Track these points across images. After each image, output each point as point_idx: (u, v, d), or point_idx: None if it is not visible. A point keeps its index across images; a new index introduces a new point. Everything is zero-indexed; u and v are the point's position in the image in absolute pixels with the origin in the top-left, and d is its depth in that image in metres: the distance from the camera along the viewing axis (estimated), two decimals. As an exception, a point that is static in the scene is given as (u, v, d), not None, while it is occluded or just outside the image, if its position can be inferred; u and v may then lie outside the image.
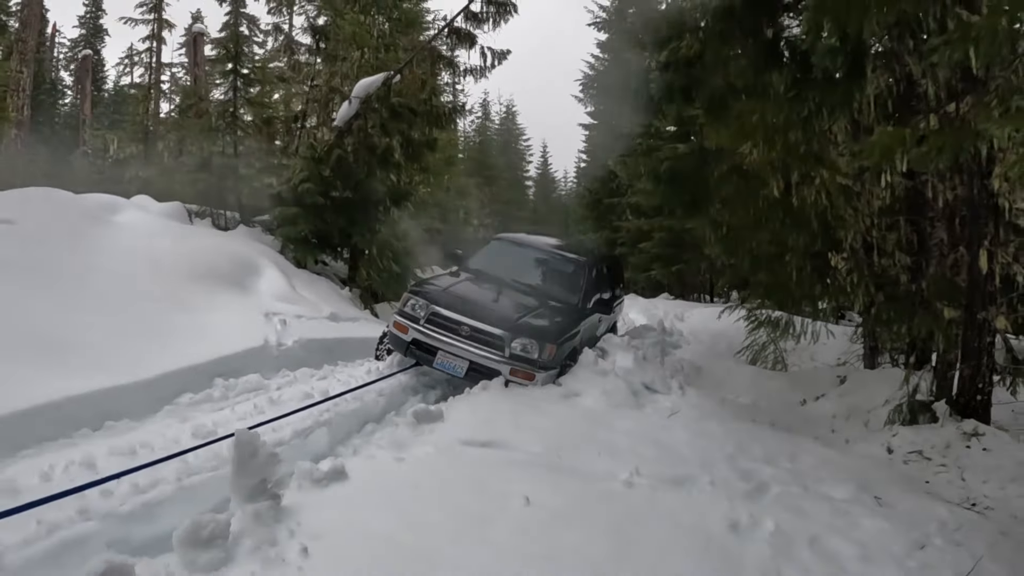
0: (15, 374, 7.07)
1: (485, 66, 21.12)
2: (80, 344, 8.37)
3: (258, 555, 4.26)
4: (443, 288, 11.22)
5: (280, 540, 4.40)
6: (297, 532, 4.51)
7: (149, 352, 8.89)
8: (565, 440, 7.33)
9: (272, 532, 4.44)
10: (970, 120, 7.11)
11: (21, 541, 4.61)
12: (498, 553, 4.63)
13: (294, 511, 4.77)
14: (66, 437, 6.79)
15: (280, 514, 4.67)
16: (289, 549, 4.31)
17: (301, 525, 4.61)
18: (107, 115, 49.61)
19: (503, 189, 45.90)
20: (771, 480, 6.69)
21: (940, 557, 5.44)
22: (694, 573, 4.71)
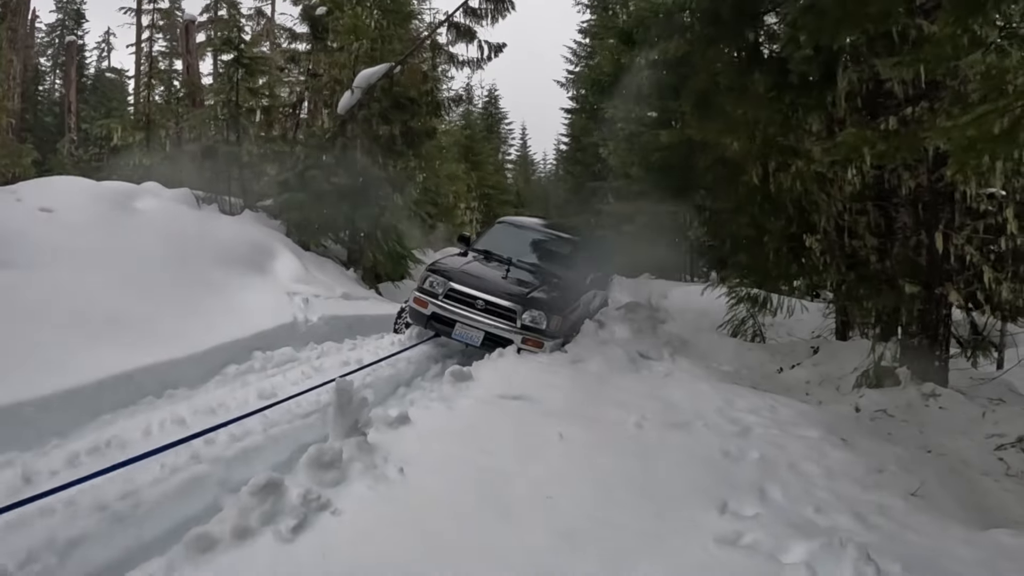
0: (84, 348, 7.95)
1: (482, 58, 22.02)
2: (132, 322, 9.19)
3: (367, 474, 5.44)
4: (458, 267, 12.31)
5: (379, 464, 5.59)
6: (390, 459, 5.71)
7: (193, 329, 9.83)
8: (579, 396, 8.52)
9: (372, 458, 5.63)
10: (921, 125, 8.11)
11: (152, 480, 5.72)
12: (553, 470, 5.93)
13: (380, 445, 5.96)
14: (134, 404, 7.68)
15: (371, 447, 5.86)
16: (388, 470, 5.52)
17: (391, 454, 5.81)
18: (89, 100, 49.48)
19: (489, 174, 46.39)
20: (755, 425, 7.90)
21: (893, 479, 6.64)
22: (703, 479, 6.00)
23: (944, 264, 10.69)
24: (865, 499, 5.99)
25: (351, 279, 18.40)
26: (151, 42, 47.01)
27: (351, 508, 4.93)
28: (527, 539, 4.71)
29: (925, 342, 11.15)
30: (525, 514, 5.07)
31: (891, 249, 12.00)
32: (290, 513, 4.69)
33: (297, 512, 4.71)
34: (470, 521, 4.89)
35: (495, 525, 4.86)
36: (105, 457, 5.99)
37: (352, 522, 4.76)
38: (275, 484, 4.87)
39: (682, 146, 14.87)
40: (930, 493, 6.56)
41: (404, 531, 4.68)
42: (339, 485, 5.30)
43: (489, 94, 65.57)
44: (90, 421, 7.02)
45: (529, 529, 4.84)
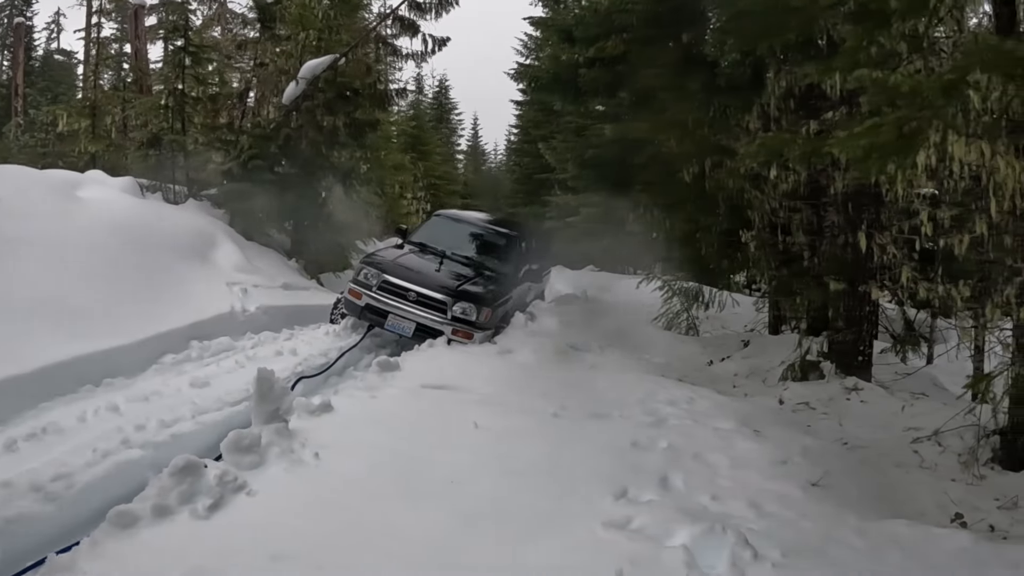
0: (26, 337, 8.08)
1: (426, 52, 22.13)
2: (74, 311, 9.28)
3: (284, 458, 5.73)
4: (392, 259, 12.60)
5: (296, 449, 5.88)
6: (307, 444, 5.98)
7: (131, 318, 9.93)
8: (504, 386, 8.80)
9: (290, 443, 5.91)
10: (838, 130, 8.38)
11: (84, 464, 5.91)
12: (464, 456, 6.21)
13: (300, 431, 6.22)
14: (73, 392, 7.83)
15: (291, 433, 6.11)
16: (305, 454, 5.81)
17: (309, 440, 6.07)
18: (37, 83, 48.71)
19: (436, 164, 46.34)
20: (671, 416, 8.22)
21: (798, 470, 6.93)
22: (607, 468, 6.26)
23: (868, 262, 10.94)
24: (765, 488, 6.28)
25: (293, 269, 18.43)
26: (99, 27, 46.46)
27: (265, 489, 5.22)
28: (430, 520, 5.01)
29: (850, 337, 11.42)
30: (431, 497, 5.38)
31: (820, 247, 12.27)
32: (207, 493, 4.97)
33: (214, 492, 5.00)
34: (377, 503, 5.18)
35: (401, 507, 5.16)
36: (42, 443, 6.28)
37: (265, 502, 5.05)
38: (194, 466, 5.14)
39: (616, 144, 15.09)
40: (833, 483, 6.84)
41: (312, 511, 4.97)
42: (256, 468, 5.57)
43: (440, 84, 65.53)
44: (30, 408, 7.18)
45: (433, 511, 5.14)
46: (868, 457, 8.35)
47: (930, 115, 5.70)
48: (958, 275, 10.28)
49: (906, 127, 5.87)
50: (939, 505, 7.29)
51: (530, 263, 14.55)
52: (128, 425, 6.82)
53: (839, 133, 6.78)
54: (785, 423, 9.09)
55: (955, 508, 7.18)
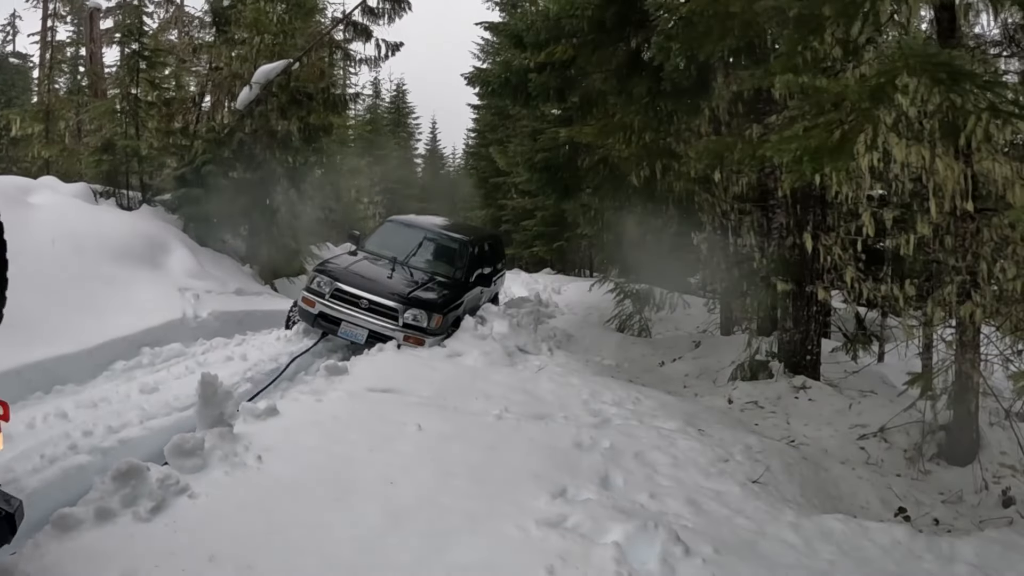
0: None
1: (379, 56, 22.24)
2: (24, 318, 8.93)
3: (226, 461, 5.77)
4: (344, 267, 12.69)
5: (239, 452, 5.92)
6: (251, 447, 6.03)
7: (83, 325, 9.92)
8: (449, 388, 8.87)
9: (233, 447, 5.95)
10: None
11: (31, 469, 5.94)
12: (401, 458, 6.28)
13: (244, 435, 6.27)
14: (23, 399, 7.83)
15: (235, 437, 6.16)
16: (247, 457, 5.86)
17: (252, 443, 6.12)
18: None
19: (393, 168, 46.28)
20: (615, 416, 8.36)
21: (737, 467, 7.08)
22: (544, 470, 6.33)
23: (815, 263, 11.13)
24: (704, 486, 6.40)
25: (247, 275, 18.38)
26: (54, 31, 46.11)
27: (206, 492, 5.27)
28: (360, 519, 5.10)
29: (798, 337, 11.62)
30: (363, 497, 5.47)
31: (768, 248, 12.47)
32: (149, 496, 5.00)
33: (156, 495, 5.03)
34: (312, 504, 5.26)
35: (333, 507, 5.25)
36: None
37: (205, 504, 5.11)
38: (137, 470, 5.17)
39: (564, 147, 15.19)
40: (773, 480, 6.99)
41: (250, 512, 5.05)
42: (199, 471, 5.61)
43: (397, 88, 65.40)
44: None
45: (364, 510, 5.24)
46: (812, 454, 8.54)
47: (860, 118, 5.82)
48: (908, 275, 10.48)
49: (837, 130, 5.99)
50: (883, 500, 7.51)
51: (482, 267, 14.72)
52: (76, 431, 6.84)
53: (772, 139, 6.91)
54: (731, 422, 9.28)
55: (899, 503, 7.43)
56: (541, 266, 35.96)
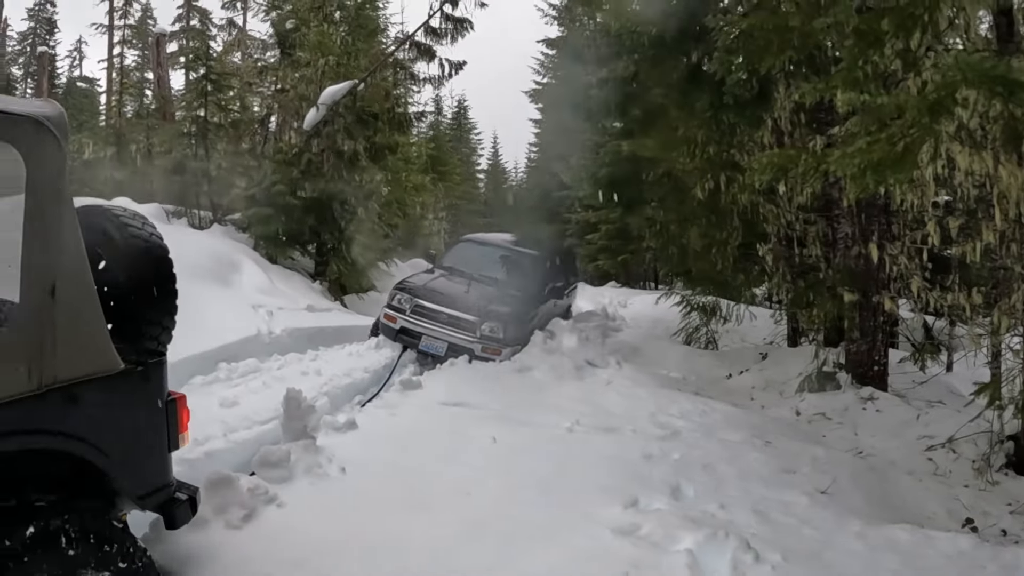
0: None
1: (443, 75, 22.42)
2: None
3: (311, 473, 6.05)
4: (423, 284, 13.21)
5: (322, 464, 6.18)
6: (333, 460, 6.29)
7: (161, 342, 10.29)
8: (519, 402, 9.09)
9: (316, 458, 6.21)
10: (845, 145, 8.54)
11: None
12: (474, 470, 6.49)
13: (326, 448, 6.52)
14: None
15: (318, 449, 6.40)
16: (330, 469, 6.14)
17: (335, 455, 6.37)
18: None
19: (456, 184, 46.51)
20: (682, 429, 8.48)
21: (804, 479, 7.17)
22: (615, 481, 6.49)
23: (880, 273, 11.05)
24: (771, 497, 6.51)
25: (317, 291, 18.68)
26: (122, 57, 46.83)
27: (293, 501, 5.53)
28: (436, 528, 5.31)
29: (864, 347, 11.55)
30: (439, 507, 5.68)
31: (833, 258, 12.39)
32: (240, 505, 5.25)
33: (247, 504, 5.29)
34: (390, 513, 5.50)
35: (410, 516, 5.46)
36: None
37: (292, 513, 5.37)
38: (227, 480, 5.40)
39: (629, 161, 15.33)
40: (839, 491, 7.06)
41: (334, 521, 5.30)
42: (285, 482, 5.87)
43: (459, 105, 65.70)
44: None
45: (439, 520, 5.45)
46: (879, 465, 8.52)
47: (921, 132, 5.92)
48: (974, 283, 10.39)
49: (900, 143, 6.08)
50: (950, 511, 7.46)
51: (555, 281, 15.10)
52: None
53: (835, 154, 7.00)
54: (798, 434, 9.32)
55: (966, 514, 7.36)
56: (605, 279, 36.00)
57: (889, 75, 7.60)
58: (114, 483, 3.91)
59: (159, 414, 4.23)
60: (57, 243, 3.53)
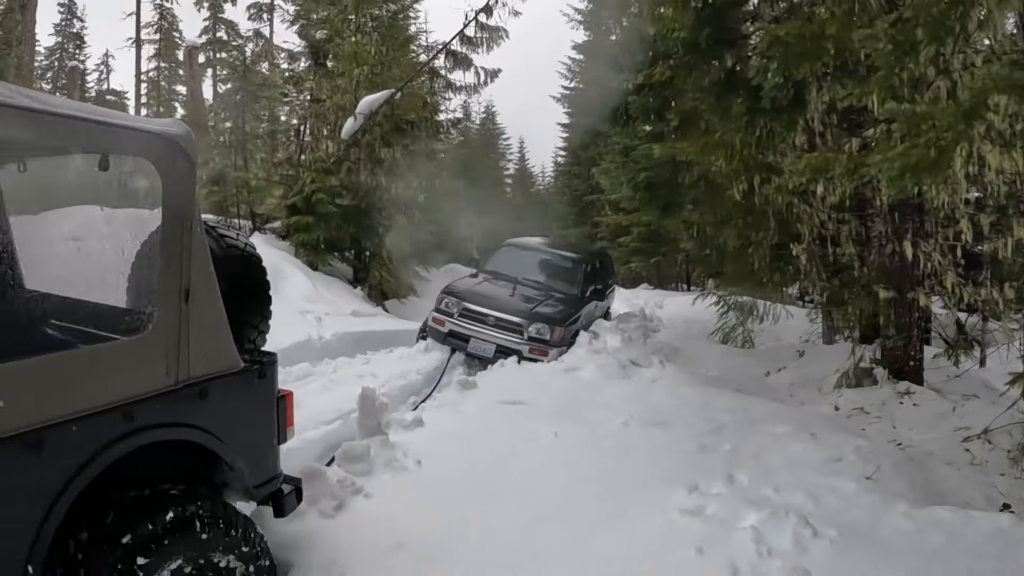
0: None
1: (479, 83, 22.86)
2: None
3: (390, 466, 6.50)
4: (469, 288, 13.69)
5: (399, 458, 6.62)
6: (408, 454, 6.74)
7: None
8: (571, 400, 9.45)
9: (392, 453, 6.65)
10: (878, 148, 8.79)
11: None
12: (538, 463, 6.91)
13: (399, 443, 6.96)
14: None
15: (392, 445, 6.83)
16: (407, 463, 6.60)
17: (409, 450, 6.81)
18: None
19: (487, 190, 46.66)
20: (728, 423, 8.81)
21: (850, 467, 7.47)
22: (673, 470, 6.89)
23: (914, 270, 11.28)
24: (820, 482, 6.84)
25: (358, 297, 19.03)
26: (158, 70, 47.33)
27: (380, 492, 5.99)
28: (510, 515, 5.75)
29: (900, 343, 11.77)
30: (510, 497, 6.11)
31: (868, 256, 12.57)
32: (331, 496, 5.71)
33: (337, 495, 5.75)
34: (467, 503, 5.93)
35: (488, 506, 5.90)
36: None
37: (380, 502, 5.82)
38: (317, 472, 5.86)
39: (667, 165, 15.59)
40: (883, 478, 7.36)
41: (419, 509, 5.75)
42: (367, 475, 6.31)
43: (486, 111, 65.85)
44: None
45: (514, 509, 5.88)
46: (918, 456, 8.79)
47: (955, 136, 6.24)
48: (1007, 278, 10.66)
49: (934, 147, 6.41)
50: (987, 497, 7.73)
51: (595, 283, 15.48)
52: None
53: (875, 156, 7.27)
54: (839, 427, 9.55)
55: (1003, 500, 7.63)
56: (637, 282, 36.25)
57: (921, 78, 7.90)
58: (232, 473, 4.31)
59: (272, 409, 4.63)
60: (189, 252, 3.95)
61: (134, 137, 3.82)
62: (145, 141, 3.84)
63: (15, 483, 3.15)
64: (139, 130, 3.86)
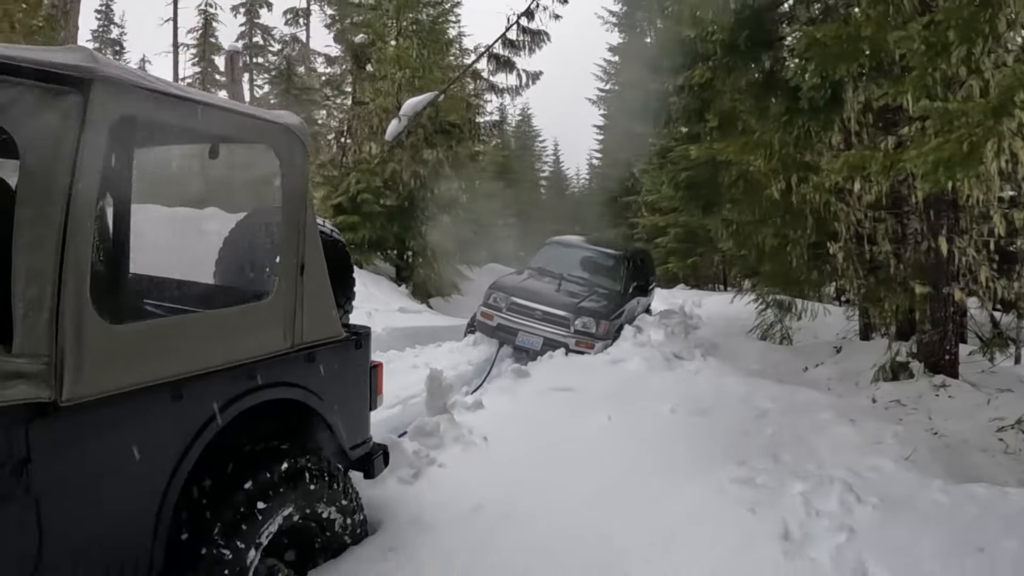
0: None
1: (520, 86, 23.18)
2: None
3: (459, 441, 7.01)
4: (517, 283, 14.07)
5: (465, 435, 7.09)
6: (473, 432, 7.22)
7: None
8: (619, 389, 9.86)
9: (459, 430, 7.13)
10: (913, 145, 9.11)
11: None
12: (593, 443, 7.37)
13: (464, 423, 7.43)
14: None
15: (457, 424, 7.31)
16: (475, 439, 7.10)
17: (474, 429, 7.29)
18: None
19: (524, 191, 47.06)
20: (771, 410, 9.18)
21: (888, 449, 7.80)
22: (721, 449, 7.33)
23: (949, 266, 11.53)
24: (861, 461, 7.18)
25: (403, 294, 19.51)
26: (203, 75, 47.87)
27: (452, 463, 6.50)
28: (575, 487, 6.20)
29: (936, 337, 11.99)
30: (575, 471, 6.56)
31: (904, 254, 12.86)
32: (409, 465, 6.22)
33: (414, 464, 6.27)
34: (533, 475, 6.40)
35: (554, 477, 6.36)
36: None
37: (453, 472, 6.33)
38: (396, 444, 6.37)
39: (708, 165, 15.88)
40: (921, 460, 7.70)
41: (491, 480, 6.21)
42: (439, 448, 6.80)
43: (522, 113, 66.25)
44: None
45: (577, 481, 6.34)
46: (953, 443, 9.15)
47: (985, 132, 6.61)
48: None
49: (966, 142, 6.78)
50: (1021, 482, 8.02)
51: (637, 279, 15.93)
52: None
53: (910, 152, 7.64)
54: (878, 416, 9.86)
55: (1036, 484, 7.98)
56: (674, 282, 36.40)
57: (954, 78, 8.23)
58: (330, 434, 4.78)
59: (366, 377, 5.18)
60: (303, 230, 4.41)
61: (259, 126, 4.27)
62: (268, 130, 4.28)
63: (162, 426, 3.59)
64: (263, 120, 4.29)
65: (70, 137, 3.01)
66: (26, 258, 2.89)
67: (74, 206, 3.01)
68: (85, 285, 3.07)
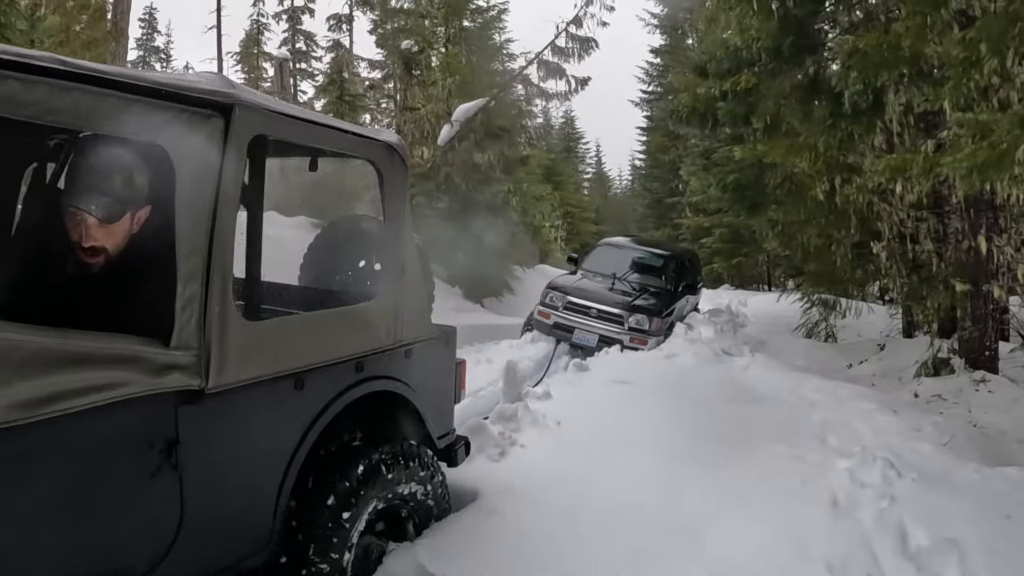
0: None
1: (570, 91, 23.71)
2: None
3: (535, 425, 7.59)
4: (572, 283, 14.72)
5: (539, 420, 7.69)
6: (547, 417, 7.81)
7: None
8: (674, 381, 10.37)
9: (534, 416, 7.72)
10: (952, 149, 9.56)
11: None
12: (655, 425, 7.92)
13: (537, 410, 7.99)
14: None
15: (532, 411, 7.89)
16: (549, 423, 7.69)
17: (547, 415, 7.88)
18: None
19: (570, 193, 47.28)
20: (818, 400, 9.74)
21: (928, 436, 8.36)
22: (771, 433, 7.92)
23: (988, 264, 11.89)
24: (902, 445, 7.71)
25: (456, 295, 20.01)
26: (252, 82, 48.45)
27: (532, 444, 7.12)
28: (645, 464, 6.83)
29: (976, 334, 12.39)
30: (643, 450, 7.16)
31: (945, 252, 13.27)
32: (495, 445, 6.88)
33: (499, 444, 6.92)
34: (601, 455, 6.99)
35: (626, 457, 6.95)
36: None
37: (534, 451, 6.96)
38: (482, 427, 7.05)
39: (754, 167, 16.33)
40: (958, 446, 8.24)
41: (570, 457, 6.86)
42: (518, 432, 7.39)
43: (565, 116, 66.55)
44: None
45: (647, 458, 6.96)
46: (991, 434, 9.67)
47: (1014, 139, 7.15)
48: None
49: (998, 149, 7.31)
50: None
51: (686, 279, 16.49)
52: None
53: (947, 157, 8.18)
54: (919, 408, 10.43)
55: (1071, 474, 8.48)
56: (718, 283, 36.60)
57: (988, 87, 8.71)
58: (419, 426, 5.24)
59: (452, 372, 5.70)
60: (403, 237, 4.95)
61: (364, 144, 4.73)
62: (372, 147, 4.75)
63: (287, 412, 4.06)
64: (368, 138, 4.77)
65: (215, 155, 3.46)
66: (186, 263, 3.34)
67: (219, 216, 3.47)
68: (229, 286, 3.55)
